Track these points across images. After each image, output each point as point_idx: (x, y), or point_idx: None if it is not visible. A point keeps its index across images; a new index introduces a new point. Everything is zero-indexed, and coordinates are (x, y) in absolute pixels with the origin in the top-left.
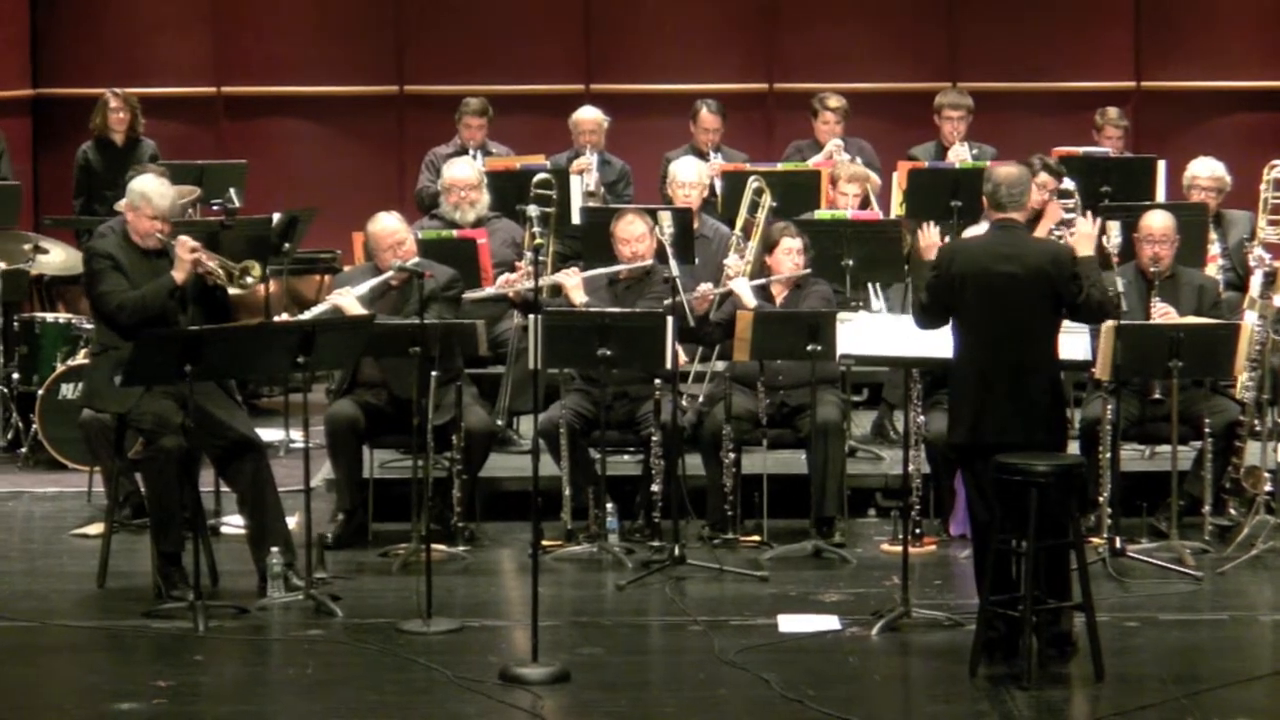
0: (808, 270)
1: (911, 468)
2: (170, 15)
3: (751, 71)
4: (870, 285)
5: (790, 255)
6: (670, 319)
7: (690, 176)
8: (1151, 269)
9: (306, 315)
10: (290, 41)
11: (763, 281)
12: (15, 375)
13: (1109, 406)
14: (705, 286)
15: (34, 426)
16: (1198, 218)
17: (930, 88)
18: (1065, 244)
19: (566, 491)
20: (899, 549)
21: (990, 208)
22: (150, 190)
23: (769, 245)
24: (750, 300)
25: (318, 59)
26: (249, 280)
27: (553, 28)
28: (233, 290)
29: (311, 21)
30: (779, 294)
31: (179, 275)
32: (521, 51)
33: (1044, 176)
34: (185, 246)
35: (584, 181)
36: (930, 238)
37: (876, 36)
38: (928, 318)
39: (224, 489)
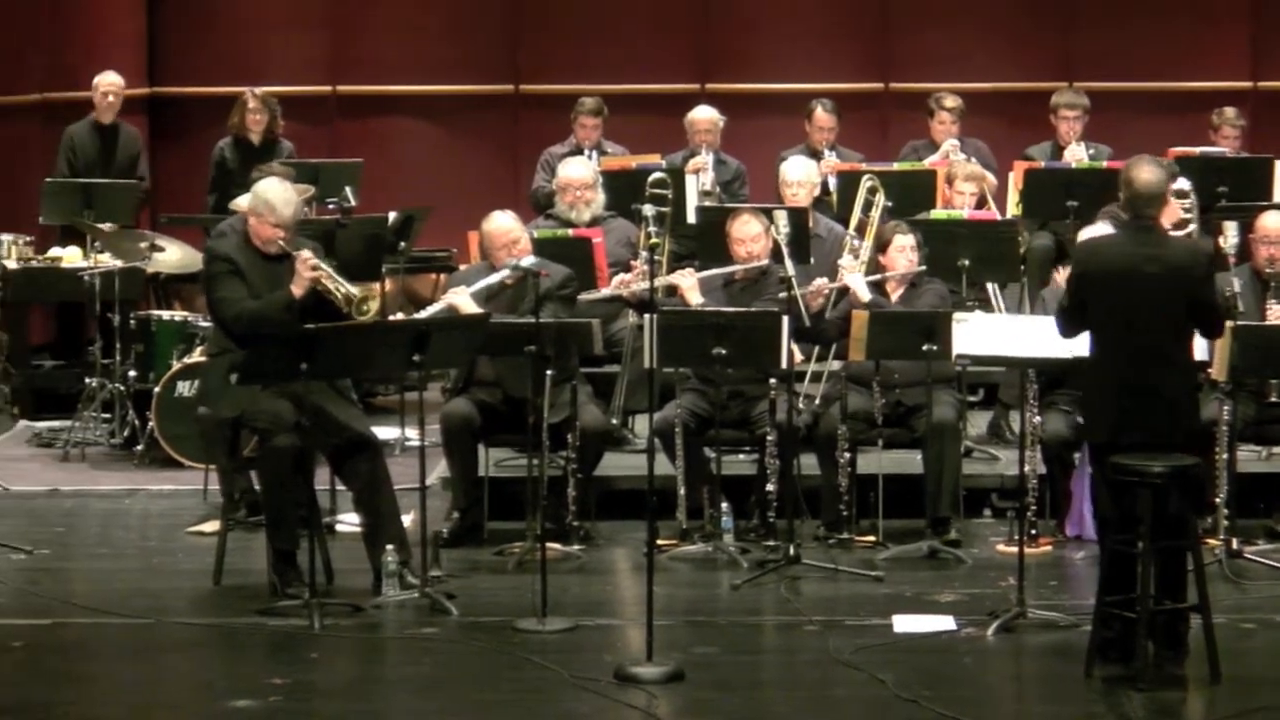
0: (922, 268)
1: (1027, 468)
2: (285, 14)
3: (867, 71)
4: (991, 286)
5: (904, 253)
6: (786, 318)
7: (798, 175)
8: (1267, 270)
9: (422, 314)
10: (405, 40)
11: (877, 278)
12: (132, 373)
13: (1225, 408)
14: (820, 281)
15: (150, 424)
16: None
17: (1046, 87)
18: (1204, 243)
19: (681, 491)
20: (1014, 549)
21: (1127, 207)
22: (275, 198)
23: (882, 244)
24: (865, 294)
25: (433, 58)
26: (366, 308)
27: (668, 27)
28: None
29: (427, 20)
30: (893, 291)
31: (297, 290)
32: (637, 51)
33: None
34: (306, 264)
35: (700, 181)
36: None
37: (992, 36)
38: (1069, 319)
39: (340, 487)
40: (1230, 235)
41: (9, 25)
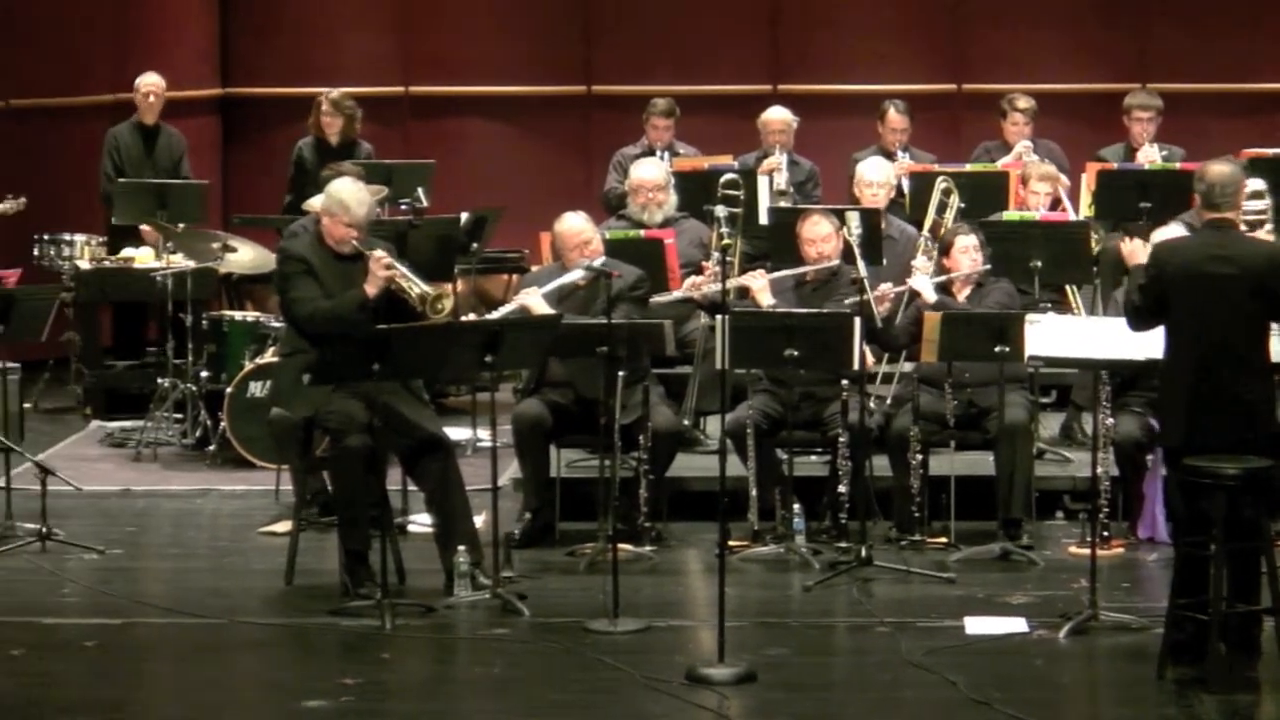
0: (987, 267)
1: (1100, 470)
2: (357, 15)
3: (939, 72)
4: (1070, 287)
5: (967, 254)
6: (858, 320)
7: (877, 176)
8: None
9: (494, 315)
10: (477, 41)
11: (942, 279)
12: (204, 373)
13: None
14: (885, 286)
15: (222, 425)
16: None
17: (1119, 89)
18: None
19: (753, 492)
20: (1087, 551)
21: (1203, 207)
22: (348, 198)
23: (945, 247)
24: (931, 295)
25: (505, 59)
26: (440, 307)
27: (740, 28)
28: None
29: (498, 21)
30: (960, 292)
31: (370, 290)
32: (709, 52)
33: None
34: (380, 263)
35: (774, 181)
36: (1131, 247)
37: (1065, 37)
38: (1141, 319)
39: (411, 488)
40: None
41: (80, 26)
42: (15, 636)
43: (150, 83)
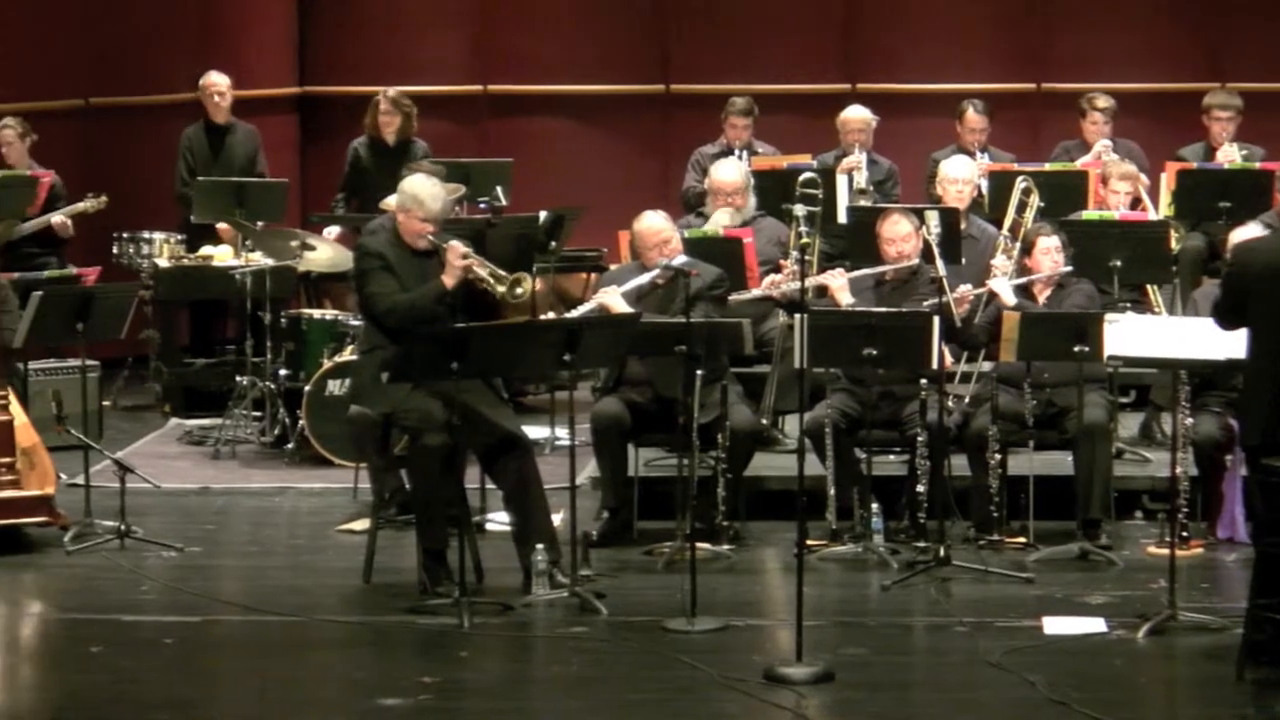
0: (1068, 268)
1: (1179, 470)
2: (435, 14)
3: (1018, 71)
4: (1151, 287)
5: (1049, 255)
6: (936, 319)
7: (961, 173)
8: None
9: (572, 313)
10: (555, 40)
11: (1023, 280)
12: (282, 372)
13: None
14: (964, 288)
15: (300, 423)
16: None
17: (1198, 88)
18: None
19: (831, 491)
20: (1165, 551)
21: None
22: (423, 193)
23: (1027, 247)
24: (1010, 299)
25: (583, 58)
26: (519, 292)
27: (819, 27)
28: (500, 288)
29: (577, 20)
30: (1041, 293)
31: (448, 281)
32: (787, 51)
33: None
34: (456, 253)
35: (854, 180)
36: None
37: (1144, 36)
38: (1226, 317)
39: (490, 486)
40: None
41: (160, 25)
42: (95, 634)
43: (214, 82)
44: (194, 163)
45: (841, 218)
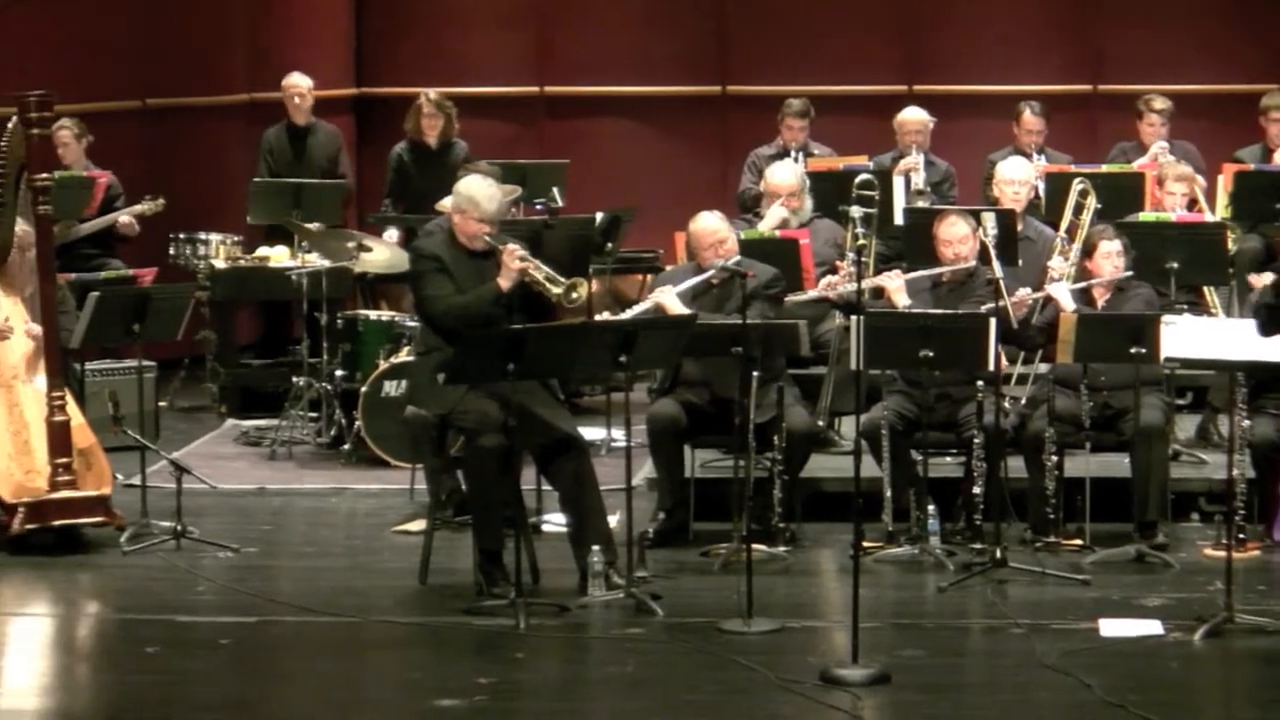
0: (1129, 273)
1: (1236, 472)
2: (492, 15)
3: (1075, 72)
4: (1208, 289)
5: (1110, 259)
6: (993, 321)
7: (1018, 174)
8: None
9: (628, 314)
10: (612, 41)
11: (1083, 285)
12: (339, 372)
13: None
14: (1024, 292)
15: (357, 423)
16: None
17: (1256, 89)
18: None
19: (888, 493)
20: (1222, 554)
21: None
22: (478, 194)
23: (1088, 249)
24: (1069, 305)
25: (640, 59)
26: (574, 296)
27: (876, 28)
28: (555, 290)
29: (634, 21)
30: (1100, 297)
31: (504, 283)
32: (844, 52)
33: None
34: (513, 255)
35: (912, 181)
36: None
37: (1201, 37)
38: (1270, 319)
39: (546, 487)
40: None
41: (216, 26)
42: (150, 634)
43: (294, 83)
44: (275, 164)
45: (898, 219)
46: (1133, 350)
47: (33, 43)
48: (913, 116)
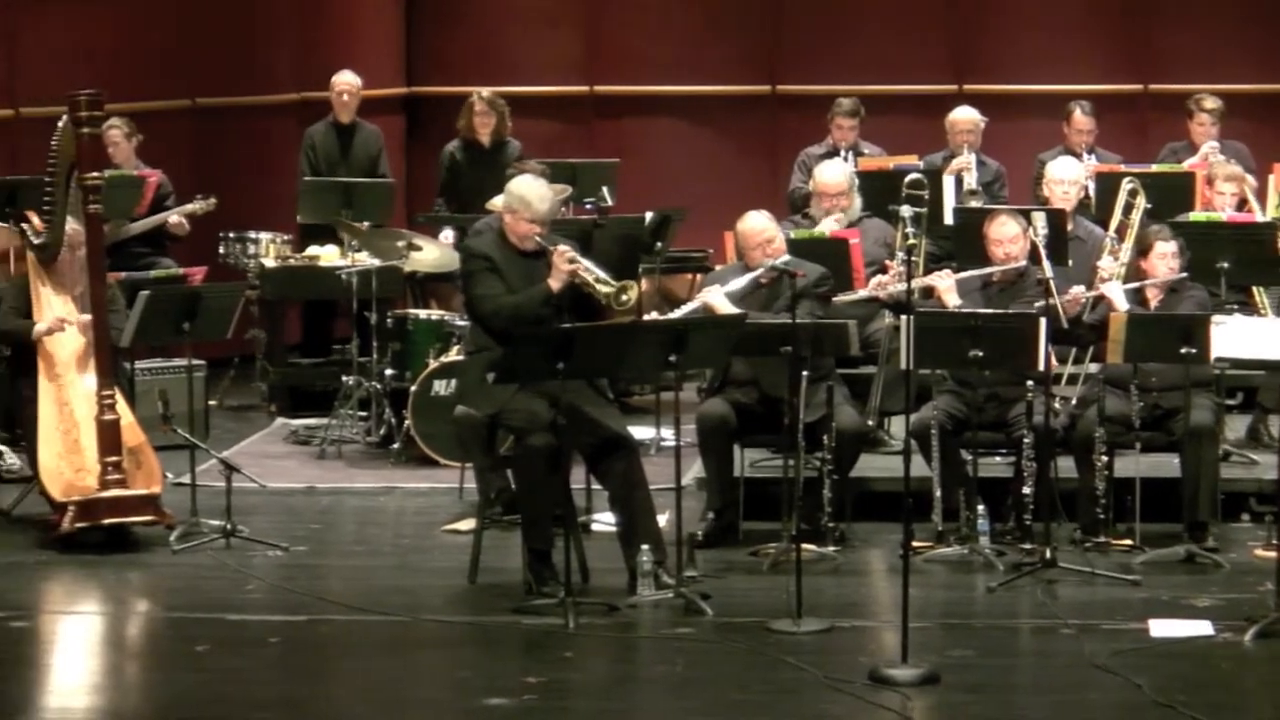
0: (1184, 274)
1: None
2: (542, 14)
3: (1124, 72)
4: (1256, 289)
5: (1165, 259)
6: (1043, 321)
7: (1067, 174)
8: None
9: (677, 314)
10: (662, 41)
11: (1136, 285)
12: (388, 371)
13: None
14: (1077, 290)
15: (406, 422)
16: None
17: None
18: None
19: (937, 492)
20: (1273, 554)
21: None
22: (529, 194)
23: (1143, 249)
24: (1123, 304)
25: (689, 58)
26: (625, 299)
27: (926, 28)
28: (605, 291)
29: (683, 21)
30: (1153, 298)
31: (554, 284)
32: (894, 52)
33: None
34: (563, 257)
35: (965, 181)
36: None
37: (1252, 36)
38: None
39: (595, 486)
40: None
41: (266, 25)
42: (200, 632)
43: (345, 81)
44: (318, 162)
45: (948, 219)
46: (1183, 350)
47: (83, 42)
48: (964, 116)
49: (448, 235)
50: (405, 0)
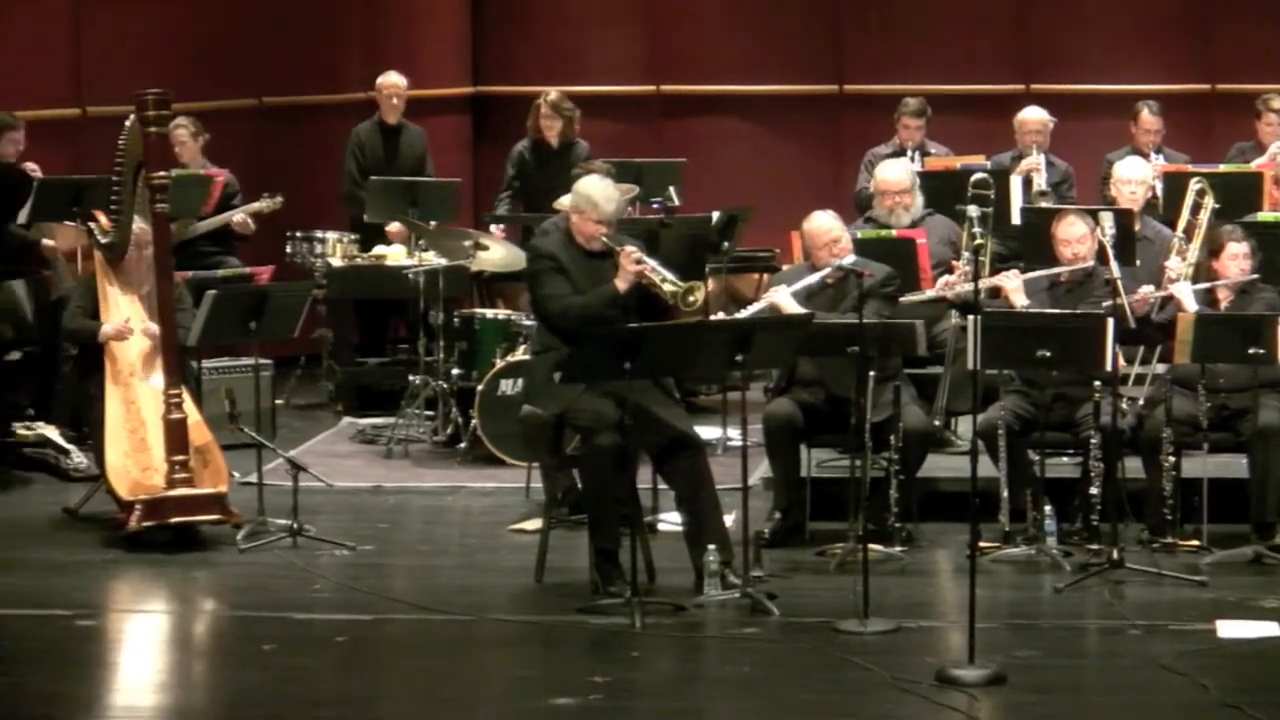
0: (1255, 275)
1: None
2: (607, 14)
3: (1192, 72)
4: None
5: (1236, 260)
6: (1110, 321)
7: (1134, 174)
8: None
9: (744, 314)
10: (728, 40)
11: (1206, 286)
12: (455, 371)
13: None
14: (1146, 289)
15: (473, 422)
16: None
17: None
18: None
19: (1004, 493)
20: None
21: None
22: (596, 194)
23: (1214, 249)
24: (1192, 305)
25: (756, 58)
26: (692, 300)
27: (992, 27)
28: (671, 290)
29: (750, 20)
30: (1224, 299)
31: (621, 285)
32: (960, 51)
33: None
34: (630, 257)
35: (1034, 182)
36: None
37: None
38: None
39: (662, 486)
40: None
41: (333, 24)
42: (267, 631)
43: (391, 82)
44: (365, 162)
45: (1014, 219)
46: (1250, 351)
47: (150, 42)
48: (1033, 116)
49: (497, 229)
50: (471, 1)
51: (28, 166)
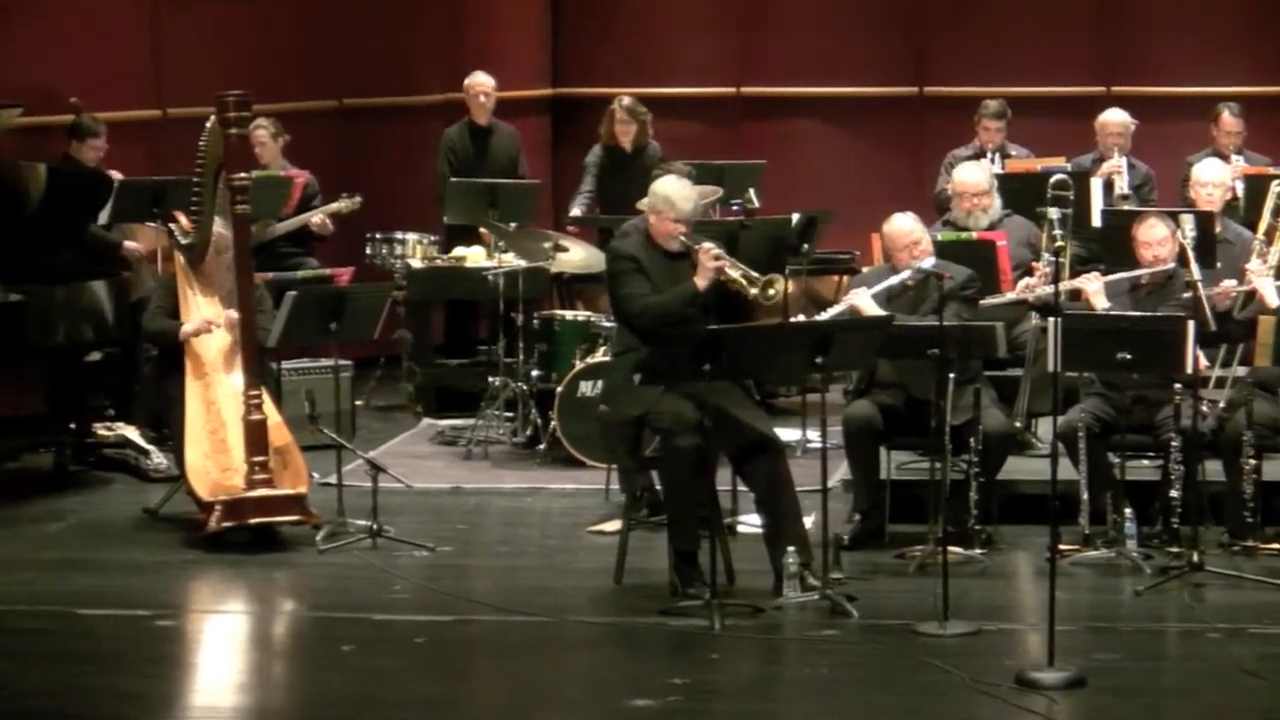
0: None
1: None
2: (688, 16)
3: (1273, 73)
4: None
5: None
6: (1191, 323)
7: (1212, 176)
8: None
9: (824, 316)
10: (809, 42)
11: None
12: (535, 372)
13: None
14: (1228, 283)
15: (552, 423)
16: None
17: None
18: None
19: (1084, 495)
20: None
21: None
22: (673, 194)
23: None
24: (1273, 299)
25: (837, 60)
26: (771, 293)
27: (1073, 29)
28: (752, 289)
29: (830, 22)
30: None
31: (700, 282)
32: (1041, 53)
33: None
34: (709, 254)
35: (1116, 185)
36: None
37: None
38: None
39: (741, 488)
40: None
41: (413, 26)
42: (346, 632)
43: (479, 83)
44: (456, 163)
45: (1095, 221)
46: None
47: (230, 43)
48: (1114, 118)
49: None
50: (551, 2)
51: (110, 173)
